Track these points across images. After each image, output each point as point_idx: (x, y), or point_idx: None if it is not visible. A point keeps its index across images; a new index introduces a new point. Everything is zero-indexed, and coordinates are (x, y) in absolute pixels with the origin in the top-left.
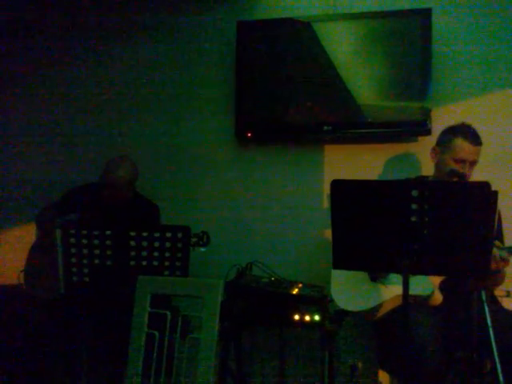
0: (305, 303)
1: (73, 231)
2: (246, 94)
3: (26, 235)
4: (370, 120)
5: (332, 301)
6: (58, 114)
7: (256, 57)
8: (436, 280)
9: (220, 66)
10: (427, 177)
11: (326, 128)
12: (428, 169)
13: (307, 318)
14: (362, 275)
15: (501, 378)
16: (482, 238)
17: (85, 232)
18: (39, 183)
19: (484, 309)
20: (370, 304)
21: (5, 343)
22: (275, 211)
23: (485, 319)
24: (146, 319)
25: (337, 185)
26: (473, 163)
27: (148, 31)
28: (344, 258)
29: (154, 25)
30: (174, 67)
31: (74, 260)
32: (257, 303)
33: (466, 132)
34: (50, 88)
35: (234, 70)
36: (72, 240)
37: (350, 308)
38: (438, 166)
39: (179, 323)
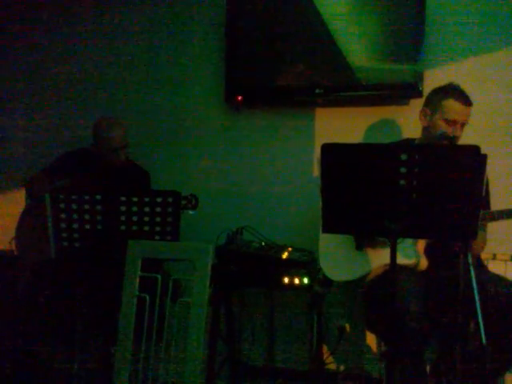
0: (294, 266)
1: (62, 196)
2: (236, 57)
3: (15, 201)
4: (362, 82)
5: (320, 269)
6: (54, 77)
7: (246, 18)
8: (421, 246)
9: (210, 29)
10: (414, 139)
11: (317, 91)
12: (419, 132)
13: (296, 281)
14: (348, 244)
15: (484, 341)
16: (470, 201)
17: (75, 197)
18: (30, 147)
19: (470, 272)
20: (358, 273)
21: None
22: (266, 176)
23: (470, 282)
24: (136, 283)
25: (327, 148)
26: (463, 124)
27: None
28: (333, 221)
29: None
30: (163, 30)
31: (63, 225)
32: (247, 267)
33: (457, 92)
34: (49, 52)
35: (223, 33)
36: (62, 205)
37: (336, 278)
38: (427, 129)
39: (170, 287)
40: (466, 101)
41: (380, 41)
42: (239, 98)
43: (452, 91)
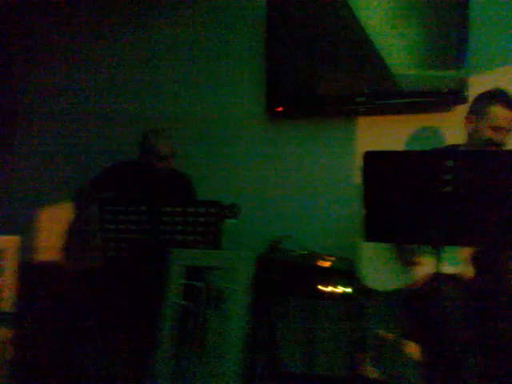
0: (336, 275)
1: (109, 207)
2: (276, 68)
3: (65, 212)
4: (404, 89)
5: (361, 279)
6: (94, 91)
7: (287, 28)
8: (467, 254)
9: (251, 39)
10: (458, 145)
11: (358, 99)
12: (463, 139)
13: (338, 290)
14: (390, 253)
15: None
16: None
17: (121, 208)
18: (76, 160)
19: None
20: (398, 284)
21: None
22: (307, 185)
23: None
24: (180, 291)
25: (369, 156)
26: (509, 130)
27: (180, 7)
28: (376, 230)
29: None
30: (205, 41)
31: (111, 235)
32: (288, 276)
33: (503, 98)
34: (84, 60)
35: (264, 44)
36: (108, 216)
37: (379, 287)
38: (472, 135)
39: (212, 295)
40: (510, 106)
41: (422, 47)
42: (280, 108)
43: (497, 96)
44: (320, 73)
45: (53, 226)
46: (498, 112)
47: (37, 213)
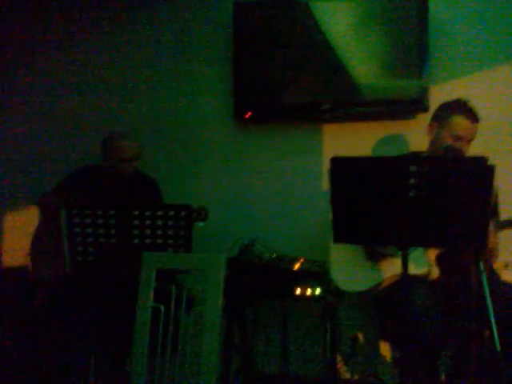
0: (306, 278)
1: (76, 211)
2: (244, 74)
3: (29, 218)
4: (367, 98)
5: (331, 281)
6: (60, 93)
7: (254, 37)
8: (432, 256)
9: (218, 47)
10: (421, 152)
11: (324, 106)
12: (425, 146)
13: (309, 292)
14: (359, 255)
15: (498, 348)
16: (478, 211)
17: (88, 212)
18: (42, 165)
19: (482, 279)
20: (369, 284)
21: (13, 326)
22: (275, 190)
23: (483, 289)
24: (151, 294)
25: (336, 162)
26: (469, 140)
27: (147, 12)
28: (344, 232)
29: (153, 5)
30: (174, 47)
31: (78, 240)
32: (259, 279)
33: (465, 109)
34: (50, 65)
35: (231, 50)
36: (76, 220)
37: (348, 289)
38: (434, 142)
39: (184, 298)
40: (473, 118)
41: (384, 57)
42: (248, 114)
43: (459, 108)
44: (286, 80)
45: (18, 231)
46: (459, 122)
47: (1, 218)
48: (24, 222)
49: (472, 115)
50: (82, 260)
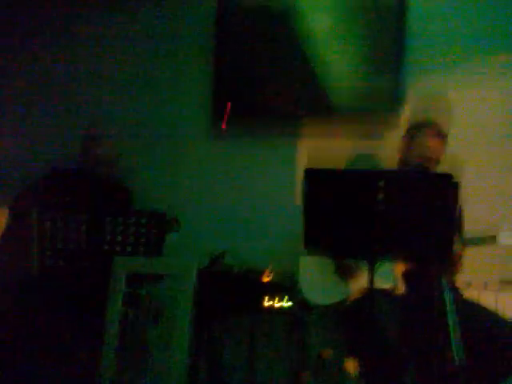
0: (275, 290)
1: (48, 215)
2: (222, 85)
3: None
4: (343, 104)
5: (300, 293)
6: (33, 93)
7: (233, 48)
8: (399, 271)
9: (198, 56)
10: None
11: (300, 112)
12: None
13: (277, 304)
14: (328, 269)
15: (457, 362)
16: (444, 226)
17: (60, 216)
18: (15, 165)
19: (444, 295)
20: (337, 297)
21: None
22: (249, 201)
23: (444, 304)
24: (120, 298)
25: (309, 173)
26: (438, 160)
27: (126, 9)
28: (314, 243)
29: (136, 4)
30: (151, 54)
31: (48, 244)
32: (229, 290)
33: (432, 128)
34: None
35: (211, 61)
36: (47, 224)
37: (316, 301)
38: (404, 162)
39: (154, 303)
40: (438, 136)
41: (360, 60)
42: (224, 125)
43: (426, 127)
44: (262, 87)
45: None
46: (427, 142)
47: None
48: None
49: (437, 133)
50: (51, 264)
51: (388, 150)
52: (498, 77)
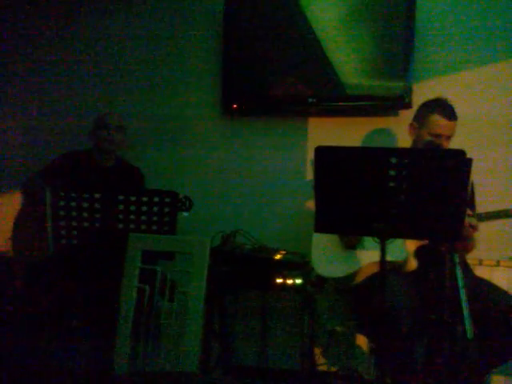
0: (287, 268)
1: (62, 194)
2: (232, 67)
3: (11, 203)
4: (352, 94)
5: (313, 269)
6: (46, 81)
7: (242, 30)
8: (411, 247)
9: (208, 39)
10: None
11: (310, 100)
12: (408, 142)
13: (289, 281)
14: (339, 243)
15: (469, 336)
16: (455, 203)
17: (74, 195)
18: (26, 149)
19: (456, 270)
20: (348, 271)
21: None
22: (259, 181)
23: (456, 281)
24: (136, 274)
25: (320, 151)
26: (448, 137)
27: (138, 4)
28: (325, 221)
29: None
30: (162, 38)
31: (62, 223)
32: (241, 268)
33: (442, 107)
34: (47, 56)
35: (220, 42)
36: (61, 203)
37: (328, 274)
38: (415, 142)
39: (168, 279)
40: (450, 116)
41: (369, 55)
42: (234, 106)
43: (437, 106)
44: (274, 74)
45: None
46: (437, 121)
47: None
48: (4, 207)
49: (449, 113)
50: (66, 243)
51: (402, 126)
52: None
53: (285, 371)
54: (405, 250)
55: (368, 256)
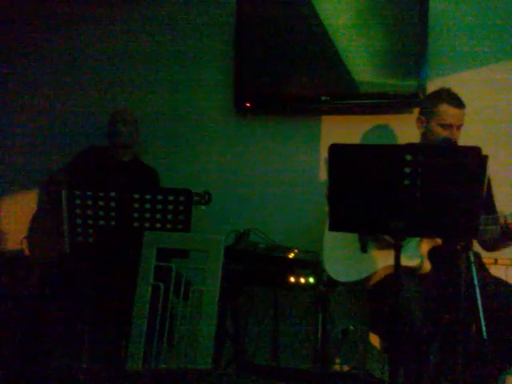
0: (300, 266)
1: (78, 192)
2: (245, 65)
3: (27, 201)
4: (365, 92)
5: (324, 271)
6: (59, 79)
7: (256, 29)
8: (424, 249)
9: (220, 37)
10: (416, 144)
11: (323, 98)
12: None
13: (302, 280)
14: (353, 245)
15: (485, 336)
16: (471, 200)
17: (90, 193)
18: (37, 150)
19: (471, 269)
20: (361, 275)
21: (7, 308)
22: (273, 179)
23: (472, 280)
24: (152, 272)
25: (334, 149)
26: (459, 126)
27: (146, 2)
28: (340, 220)
29: None
30: (176, 37)
31: (79, 221)
32: (254, 267)
33: (450, 96)
34: (54, 54)
35: (233, 41)
36: (77, 201)
37: (341, 279)
38: (425, 135)
39: (183, 278)
40: (458, 104)
41: (383, 53)
42: (248, 104)
43: (445, 96)
44: (287, 72)
45: (14, 215)
46: (446, 110)
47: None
48: (21, 206)
49: (457, 101)
50: (82, 241)
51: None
52: None
53: (297, 370)
54: (419, 252)
55: (383, 258)
